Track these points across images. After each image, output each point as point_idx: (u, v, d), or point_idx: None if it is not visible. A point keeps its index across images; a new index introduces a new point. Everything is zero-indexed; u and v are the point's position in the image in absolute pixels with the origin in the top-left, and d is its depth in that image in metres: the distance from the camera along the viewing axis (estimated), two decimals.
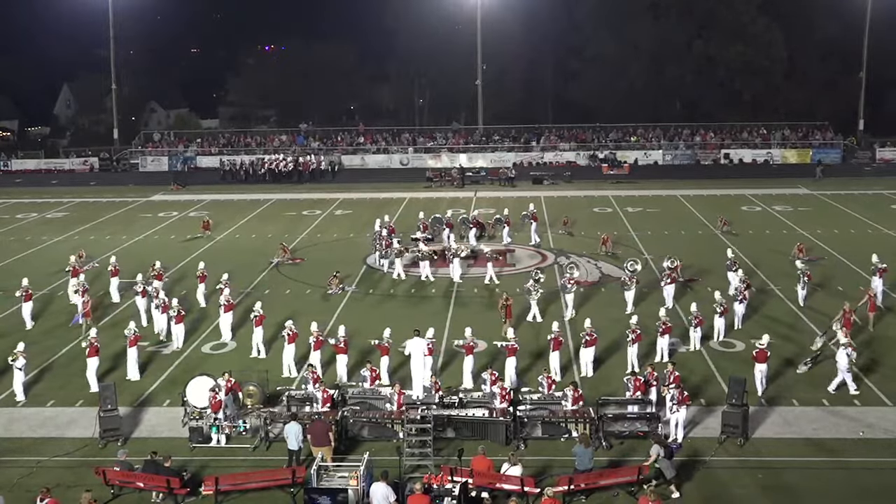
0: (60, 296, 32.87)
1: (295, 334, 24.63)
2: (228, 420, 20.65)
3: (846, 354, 22.66)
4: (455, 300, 31.85)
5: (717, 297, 27.00)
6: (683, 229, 43.57)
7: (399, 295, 32.78)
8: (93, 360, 23.77)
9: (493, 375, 22.01)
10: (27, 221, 49.56)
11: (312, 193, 57.84)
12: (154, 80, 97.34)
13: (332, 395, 21.22)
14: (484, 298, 32.03)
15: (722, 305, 26.45)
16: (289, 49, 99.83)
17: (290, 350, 24.70)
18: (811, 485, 18.43)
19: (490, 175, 62.73)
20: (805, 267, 31.09)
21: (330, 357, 24.61)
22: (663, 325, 24.86)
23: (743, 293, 28.03)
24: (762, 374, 22.99)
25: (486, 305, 31.05)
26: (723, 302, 26.61)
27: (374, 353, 24.15)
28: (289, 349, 24.70)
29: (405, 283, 34.03)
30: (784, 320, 28.85)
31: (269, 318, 26.64)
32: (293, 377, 24.40)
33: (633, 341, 24.25)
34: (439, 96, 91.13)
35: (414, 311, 30.44)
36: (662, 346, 25.07)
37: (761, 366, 22.94)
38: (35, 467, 19.56)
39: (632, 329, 24.36)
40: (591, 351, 24.27)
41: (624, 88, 79.09)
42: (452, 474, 17.55)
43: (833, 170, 64.71)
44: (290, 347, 24.70)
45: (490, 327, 27.21)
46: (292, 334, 24.58)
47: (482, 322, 27.46)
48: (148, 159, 71.82)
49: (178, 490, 17.89)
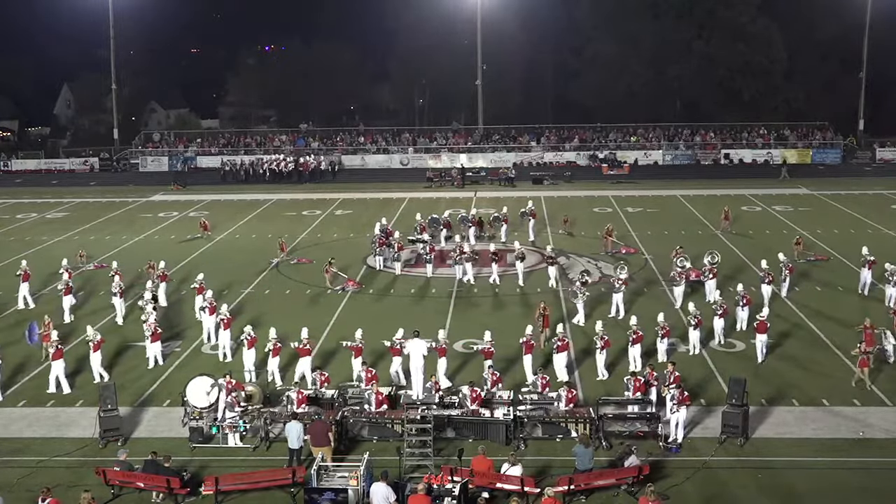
0: (60, 296, 32.83)
1: (254, 339, 24.03)
2: (229, 420, 20.65)
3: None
4: (463, 301, 31.87)
5: (716, 297, 27.02)
6: (683, 229, 43.56)
7: (403, 295, 32.78)
8: (58, 363, 23.75)
9: (494, 375, 22.03)
10: (27, 221, 49.56)
11: (312, 193, 57.85)
12: (154, 80, 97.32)
13: (308, 396, 21.25)
14: (489, 298, 32.08)
15: (721, 306, 26.43)
16: (289, 49, 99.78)
17: (251, 355, 23.99)
18: (811, 485, 18.43)
19: (490, 175, 62.76)
20: (787, 260, 31.39)
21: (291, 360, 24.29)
22: (662, 328, 24.85)
23: (745, 297, 27.91)
24: (762, 344, 24.95)
25: (492, 306, 31.17)
26: (722, 303, 26.60)
27: (372, 354, 24.18)
28: (248, 354, 23.98)
29: (407, 282, 34.01)
30: (790, 319, 28.89)
31: (269, 319, 26.59)
32: (277, 385, 23.74)
33: (633, 342, 24.28)
34: (439, 96, 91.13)
35: (417, 310, 30.52)
36: (662, 349, 25.08)
37: (762, 336, 24.83)
38: (35, 467, 19.55)
39: (633, 330, 24.42)
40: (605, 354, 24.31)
41: (624, 88, 79.12)
42: (452, 474, 17.56)
43: (833, 170, 64.85)
44: (249, 352, 23.96)
45: (490, 327, 27.29)
46: (251, 339, 23.99)
47: (481, 322, 27.52)
48: (148, 159, 71.87)
49: (178, 490, 17.89)
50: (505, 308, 30.98)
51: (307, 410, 20.69)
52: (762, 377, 23.73)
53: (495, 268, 33.58)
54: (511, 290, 32.76)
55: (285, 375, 24.00)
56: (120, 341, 27.48)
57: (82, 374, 24.79)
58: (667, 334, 24.84)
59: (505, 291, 32.74)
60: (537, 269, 34.84)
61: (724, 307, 26.36)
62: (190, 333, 28.44)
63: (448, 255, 35.25)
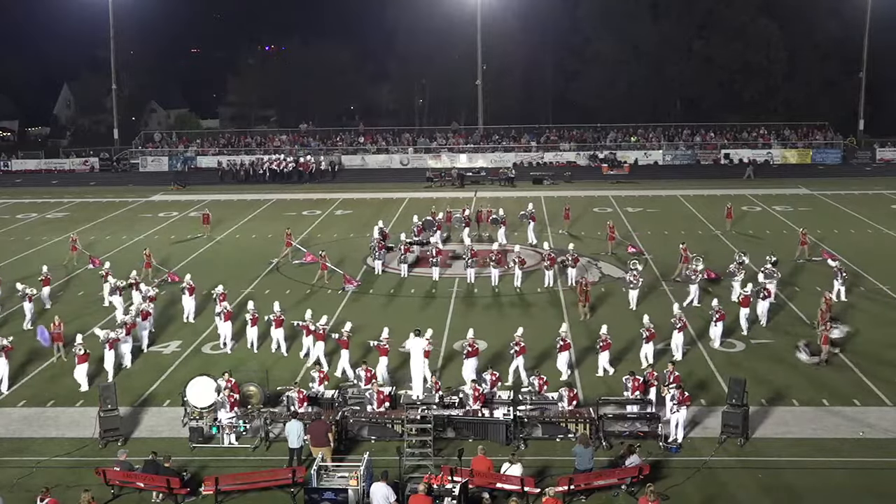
0: (60, 295, 32.88)
1: (321, 333, 24.90)
2: (227, 420, 20.66)
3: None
4: (462, 302, 31.88)
5: (714, 304, 26.97)
6: (683, 229, 43.54)
7: (407, 295, 32.81)
8: (83, 366, 23.96)
9: (494, 376, 22.02)
10: (27, 221, 49.56)
11: (312, 193, 57.85)
12: (154, 80, 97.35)
13: (308, 395, 21.45)
14: (489, 299, 32.11)
15: (718, 312, 26.36)
16: (289, 49, 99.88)
17: (320, 347, 24.82)
18: (811, 485, 18.42)
19: (490, 175, 62.75)
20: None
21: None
22: (679, 320, 25.17)
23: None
24: (744, 316, 27.07)
25: (486, 306, 31.18)
26: (719, 308, 26.54)
27: (372, 353, 24.17)
28: (319, 346, 24.80)
29: (414, 284, 34.01)
30: (791, 319, 28.90)
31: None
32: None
33: (647, 339, 24.51)
34: (439, 96, 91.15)
35: (425, 311, 30.60)
36: (677, 343, 25.14)
37: (745, 310, 27.04)
38: (35, 467, 19.55)
39: (645, 328, 24.57)
40: (606, 355, 24.43)
41: (624, 88, 79.15)
42: (452, 474, 17.55)
43: (833, 170, 64.84)
44: (319, 345, 24.88)
45: (488, 327, 27.31)
46: (315, 331, 24.92)
47: (484, 322, 27.53)
48: (148, 159, 71.87)
49: (178, 490, 17.88)
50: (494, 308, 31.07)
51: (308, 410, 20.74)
52: (762, 377, 23.70)
53: (495, 271, 33.54)
54: (510, 292, 32.80)
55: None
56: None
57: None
58: (651, 337, 24.81)
59: (504, 293, 32.80)
60: (536, 270, 34.74)
61: (721, 312, 26.33)
62: (190, 333, 28.44)
63: (446, 256, 35.14)
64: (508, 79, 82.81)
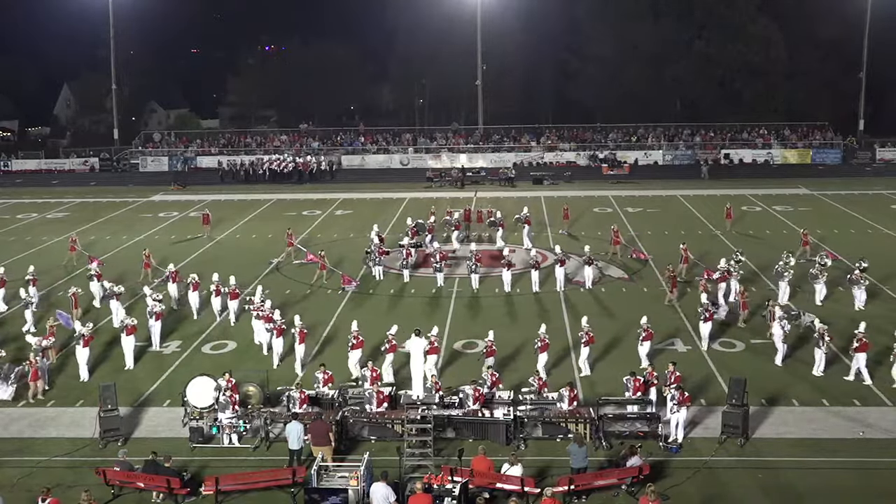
0: (60, 296, 32.88)
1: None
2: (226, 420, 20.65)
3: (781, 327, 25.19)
4: (464, 304, 31.87)
5: (703, 299, 26.96)
6: (684, 229, 43.55)
7: (414, 296, 32.82)
8: (84, 350, 24.45)
9: (494, 376, 22.03)
10: (27, 221, 49.56)
11: (312, 193, 57.84)
12: (154, 80, 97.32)
13: (309, 395, 21.47)
14: (489, 301, 32.07)
15: (707, 310, 26.35)
16: (289, 49, 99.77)
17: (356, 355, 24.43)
18: (811, 485, 18.43)
19: (490, 175, 62.74)
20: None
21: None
22: (706, 310, 26.01)
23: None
24: (722, 292, 29.76)
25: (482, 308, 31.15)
26: (708, 306, 26.53)
27: (377, 353, 24.20)
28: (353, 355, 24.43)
29: (417, 285, 33.99)
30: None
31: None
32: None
33: (643, 339, 24.52)
34: (439, 96, 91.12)
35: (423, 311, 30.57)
36: (642, 352, 24.96)
37: (722, 284, 29.90)
38: (35, 467, 19.56)
39: (643, 328, 24.56)
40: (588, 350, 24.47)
41: (624, 88, 79.10)
42: (452, 474, 17.56)
43: (833, 170, 64.85)
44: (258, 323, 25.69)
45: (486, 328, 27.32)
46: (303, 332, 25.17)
47: (483, 322, 27.51)
48: (148, 159, 71.87)
49: (178, 490, 17.89)
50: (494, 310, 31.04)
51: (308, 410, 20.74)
52: (762, 377, 23.68)
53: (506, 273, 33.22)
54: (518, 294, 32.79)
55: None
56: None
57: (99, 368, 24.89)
58: (648, 337, 24.80)
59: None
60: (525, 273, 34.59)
61: (709, 311, 26.33)
62: (189, 334, 28.44)
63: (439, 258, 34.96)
64: (508, 79, 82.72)
